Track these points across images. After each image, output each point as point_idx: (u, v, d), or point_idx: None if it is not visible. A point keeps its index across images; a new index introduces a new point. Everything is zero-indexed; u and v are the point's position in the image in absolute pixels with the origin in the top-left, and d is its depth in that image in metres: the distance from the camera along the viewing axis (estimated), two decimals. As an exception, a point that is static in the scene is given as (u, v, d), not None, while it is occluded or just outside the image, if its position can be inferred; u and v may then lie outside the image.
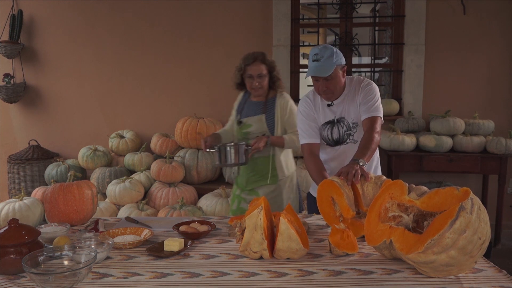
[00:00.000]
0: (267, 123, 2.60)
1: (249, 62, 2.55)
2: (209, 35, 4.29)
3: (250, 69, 2.55)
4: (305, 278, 1.40)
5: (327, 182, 1.75)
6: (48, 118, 4.54)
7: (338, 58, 2.12)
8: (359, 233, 1.68)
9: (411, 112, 4.11)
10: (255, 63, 2.54)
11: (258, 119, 2.61)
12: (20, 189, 4.13)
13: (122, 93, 4.44)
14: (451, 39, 4.13)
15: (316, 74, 2.10)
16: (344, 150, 2.28)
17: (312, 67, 2.12)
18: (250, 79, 2.57)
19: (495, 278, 1.37)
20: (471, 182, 4.17)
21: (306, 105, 2.31)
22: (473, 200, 1.30)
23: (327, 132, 2.27)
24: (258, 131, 2.62)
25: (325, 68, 2.09)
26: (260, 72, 2.55)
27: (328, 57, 2.09)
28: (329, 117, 2.26)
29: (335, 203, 1.72)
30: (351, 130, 2.25)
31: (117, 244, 1.65)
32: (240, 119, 2.67)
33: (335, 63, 2.09)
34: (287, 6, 4.20)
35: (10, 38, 4.28)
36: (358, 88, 2.22)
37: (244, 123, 2.65)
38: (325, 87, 2.14)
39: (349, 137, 2.27)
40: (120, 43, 4.38)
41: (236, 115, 2.72)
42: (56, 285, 1.28)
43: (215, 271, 1.46)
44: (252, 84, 2.57)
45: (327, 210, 1.73)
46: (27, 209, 2.19)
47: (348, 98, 2.24)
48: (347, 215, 1.64)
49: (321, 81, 2.13)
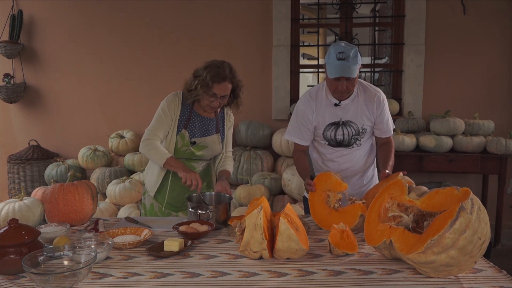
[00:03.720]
0: (221, 143, 2.37)
1: (218, 80, 2.14)
2: (209, 35, 4.29)
3: (216, 88, 2.15)
4: (305, 278, 1.40)
5: (319, 177, 2.02)
6: (48, 118, 4.54)
7: (360, 57, 2.07)
8: (352, 222, 1.83)
9: (411, 112, 4.11)
10: (224, 83, 2.16)
11: (213, 140, 2.31)
12: (20, 189, 4.13)
13: (122, 93, 4.44)
14: (451, 39, 4.13)
15: (345, 74, 2.02)
16: (346, 152, 2.27)
17: (338, 66, 2.01)
18: (212, 97, 2.18)
19: (495, 278, 1.37)
20: (471, 182, 4.17)
21: (306, 105, 2.24)
22: (473, 200, 1.30)
23: (331, 133, 2.23)
24: (212, 154, 2.36)
25: (353, 68, 2.02)
26: (226, 93, 2.20)
27: (354, 57, 2.02)
28: (334, 118, 2.21)
29: (329, 197, 1.93)
30: (359, 135, 2.24)
31: (117, 244, 1.65)
32: (193, 140, 2.27)
33: (359, 63, 2.05)
34: (287, 6, 4.20)
35: (10, 38, 4.28)
36: (374, 99, 2.21)
37: (197, 144, 2.28)
38: (345, 88, 2.08)
39: (356, 141, 2.25)
40: (120, 43, 4.38)
41: (180, 128, 2.27)
42: (56, 285, 1.28)
43: (215, 271, 1.46)
44: (211, 103, 2.20)
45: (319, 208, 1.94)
46: (27, 209, 2.19)
47: (359, 103, 2.21)
48: (340, 189, 1.89)
49: (343, 80, 2.06)
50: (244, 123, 4.14)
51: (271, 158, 4.06)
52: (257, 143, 4.09)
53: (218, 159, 2.43)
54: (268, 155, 4.05)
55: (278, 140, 4.00)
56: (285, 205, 3.13)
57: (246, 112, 4.32)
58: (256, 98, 4.33)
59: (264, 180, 3.75)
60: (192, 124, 2.29)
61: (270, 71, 4.29)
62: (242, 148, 4.14)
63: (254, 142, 4.08)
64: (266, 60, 4.28)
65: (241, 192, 3.59)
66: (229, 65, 2.22)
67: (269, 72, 4.29)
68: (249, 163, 3.93)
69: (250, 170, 3.91)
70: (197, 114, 2.30)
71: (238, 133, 4.14)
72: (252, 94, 4.32)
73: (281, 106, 4.28)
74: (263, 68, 4.30)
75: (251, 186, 3.65)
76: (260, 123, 4.15)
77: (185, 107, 2.29)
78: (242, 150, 4.09)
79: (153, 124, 2.29)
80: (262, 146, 4.15)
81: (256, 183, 3.73)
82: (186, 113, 2.29)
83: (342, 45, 2.05)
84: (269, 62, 4.28)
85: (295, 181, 3.60)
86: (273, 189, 3.74)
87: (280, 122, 4.31)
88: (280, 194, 3.82)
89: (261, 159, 3.97)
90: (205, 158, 2.35)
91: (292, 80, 4.33)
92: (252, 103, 4.34)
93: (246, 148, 4.12)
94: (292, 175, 3.64)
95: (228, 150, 2.45)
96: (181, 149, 2.28)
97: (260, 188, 3.62)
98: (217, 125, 2.35)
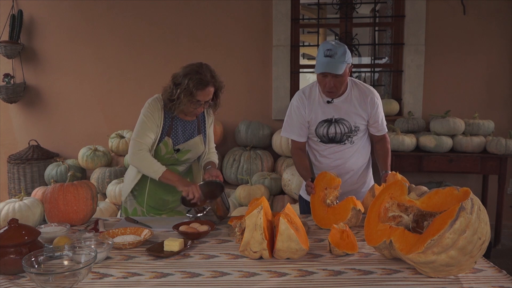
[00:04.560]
0: (204, 143, 2.34)
1: (202, 87, 2.08)
2: (209, 35, 4.29)
3: (200, 95, 2.10)
4: (305, 278, 1.40)
5: (318, 178, 2.07)
6: (48, 118, 4.54)
7: (349, 56, 2.12)
8: (345, 216, 1.86)
9: (411, 112, 4.11)
10: (207, 88, 2.10)
11: (196, 142, 2.29)
12: (20, 189, 4.13)
13: (122, 93, 4.44)
14: (451, 39, 4.13)
15: (329, 70, 2.08)
16: (338, 149, 2.31)
17: (324, 62, 2.08)
18: (196, 104, 2.13)
19: (495, 278, 1.37)
20: (471, 182, 4.17)
21: (299, 101, 2.30)
22: (473, 200, 1.30)
23: (323, 130, 2.27)
24: (196, 155, 2.34)
25: (338, 65, 2.07)
26: (210, 97, 2.15)
27: (341, 55, 2.07)
28: (327, 115, 2.26)
29: (326, 195, 1.99)
30: (352, 132, 2.28)
31: (117, 244, 1.65)
32: (177, 148, 2.23)
33: (346, 61, 2.09)
34: (287, 6, 4.20)
35: (10, 38, 4.27)
36: (367, 99, 2.25)
37: (181, 151, 2.26)
38: (332, 84, 2.13)
39: (348, 138, 2.29)
40: (120, 43, 4.38)
41: (162, 136, 2.20)
42: (56, 285, 1.28)
43: (215, 271, 1.46)
44: (196, 109, 2.16)
45: (317, 207, 1.96)
46: (27, 209, 2.19)
47: (351, 101, 2.25)
48: (334, 183, 1.97)
49: (330, 78, 2.11)
50: (244, 123, 4.14)
51: (271, 158, 4.06)
52: (257, 143, 4.09)
53: (201, 158, 2.40)
54: (268, 155, 4.05)
55: (278, 140, 4.00)
56: (285, 205, 3.13)
57: (246, 112, 4.40)
58: (256, 98, 4.33)
59: (264, 180, 3.75)
60: (175, 130, 2.23)
61: (270, 71, 4.29)
62: (242, 148, 4.15)
63: (254, 142, 4.08)
64: (266, 60, 4.28)
65: (241, 192, 3.59)
66: (208, 68, 2.14)
67: (269, 72, 4.29)
68: (249, 163, 3.94)
69: (250, 170, 3.91)
70: (179, 119, 2.25)
71: (238, 133, 4.14)
72: (252, 94, 4.33)
73: (281, 106, 4.28)
74: (263, 68, 4.30)
75: (251, 186, 3.65)
76: (260, 123, 4.15)
77: (166, 113, 2.22)
78: (242, 150, 4.09)
79: (140, 133, 2.16)
80: (262, 146, 4.15)
81: (256, 183, 3.73)
82: (168, 119, 2.21)
83: (331, 43, 2.11)
84: (269, 62, 4.28)
85: (295, 181, 3.60)
86: (273, 189, 3.74)
87: (280, 122, 4.27)
88: (280, 194, 3.82)
89: (261, 159, 3.98)
90: (189, 161, 2.35)
91: (292, 80, 4.32)
92: (252, 103, 4.34)
93: (246, 148, 4.12)
94: (292, 175, 3.64)
95: (211, 147, 2.42)
96: (165, 156, 2.23)
97: (260, 188, 3.62)
98: (198, 126, 2.32)
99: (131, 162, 2.18)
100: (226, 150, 4.23)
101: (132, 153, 2.15)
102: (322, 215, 1.94)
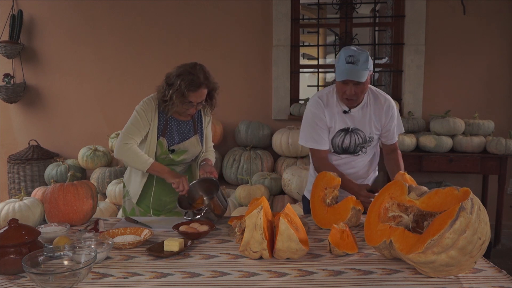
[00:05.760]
0: (201, 143, 2.31)
1: (194, 89, 2.07)
2: (209, 35, 4.29)
3: (192, 97, 2.09)
4: (305, 278, 1.40)
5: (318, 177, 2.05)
6: (48, 118, 4.54)
7: (371, 63, 2.02)
8: (345, 215, 1.85)
9: (411, 112, 4.11)
10: (200, 90, 2.09)
11: (192, 142, 2.26)
12: (20, 189, 4.13)
13: (122, 93, 4.44)
14: (451, 39, 4.13)
15: (352, 78, 1.98)
16: (351, 160, 2.25)
17: (346, 69, 1.98)
18: (189, 105, 2.12)
19: (495, 278, 1.37)
20: (471, 182, 4.17)
21: (318, 108, 2.16)
22: (473, 200, 1.30)
23: (339, 140, 2.19)
24: (193, 156, 2.32)
25: (361, 72, 1.97)
26: (202, 98, 2.13)
27: (364, 61, 1.98)
28: (343, 125, 2.17)
29: (326, 195, 1.97)
30: (366, 143, 2.21)
31: (117, 244, 1.65)
32: (172, 148, 2.22)
33: (369, 68, 2.00)
34: (287, 6, 4.20)
35: (10, 38, 4.27)
36: (383, 109, 2.18)
37: (177, 151, 2.23)
38: (353, 92, 2.03)
39: (362, 149, 2.23)
40: (120, 43, 4.38)
41: (157, 136, 2.20)
42: (56, 285, 1.28)
43: (215, 271, 1.46)
44: (189, 110, 2.15)
45: (317, 207, 1.96)
46: (27, 209, 2.19)
47: (368, 110, 2.17)
48: (333, 183, 1.94)
49: (351, 85, 2.02)
50: (244, 123, 4.14)
51: (271, 158, 4.06)
52: (257, 143, 4.09)
53: (199, 157, 2.37)
54: (268, 155, 4.05)
55: (278, 140, 4.00)
56: (285, 205, 3.13)
57: (246, 112, 4.39)
58: (256, 98, 4.33)
59: (264, 180, 3.75)
60: (170, 130, 2.21)
61: (270, 71, 4.29)
62: (242, 148, 4.15)
63: (254, 142, 4.08)
64: (266, 60, 4.28)
65: (241, 192, 3.59)
66: (202, 68, 2.12)
67: (269, 72, 4.29)
68: (249, 163, 3.94)
69: (250, 170, 3.91)
70: (174, 119, 2.23)
71: (238, 133, 4.14)
72: (252, 94, 4.33)
73: (281, 106, 4.29)
74: (263, 68, 4.30)
75: (251, 186, 3.65)
76: (260, 123, 4.15)
77: (161, 113, 2.21)
78: (242, 150, 4.09)
79: (129, 128, 2.16)
80: (262, 146, 4.15)
81: (256, 183, 3.73)
82: (162, 119, 2.20)
83: (353, 49, 2.01)
84: (269, 62, 4.28)
85: (295, 181, 3.60)
86: (273, 189, 3.74)
87: (280, 122, 4.31)
88: (280, 194, 3.82)
89: (261, 159, 3.98)
90: (186, 161, 2.32)
91: (292, 80, 4.33)
92: (252, 103, 4.34)
93: (246, 148, 4.12)
94: (292, 175, 3.64)
95: (209, 146, 2.39)
96: (160, 156, 2.21)
97: (260, 188, 3.62)
98: (194, 126, 2.29)
99: (117, 154, 2.15)
100: (226, 150, 4.23)
101: (118, 146, 2.14)
102: (322, 215, 1.94)
